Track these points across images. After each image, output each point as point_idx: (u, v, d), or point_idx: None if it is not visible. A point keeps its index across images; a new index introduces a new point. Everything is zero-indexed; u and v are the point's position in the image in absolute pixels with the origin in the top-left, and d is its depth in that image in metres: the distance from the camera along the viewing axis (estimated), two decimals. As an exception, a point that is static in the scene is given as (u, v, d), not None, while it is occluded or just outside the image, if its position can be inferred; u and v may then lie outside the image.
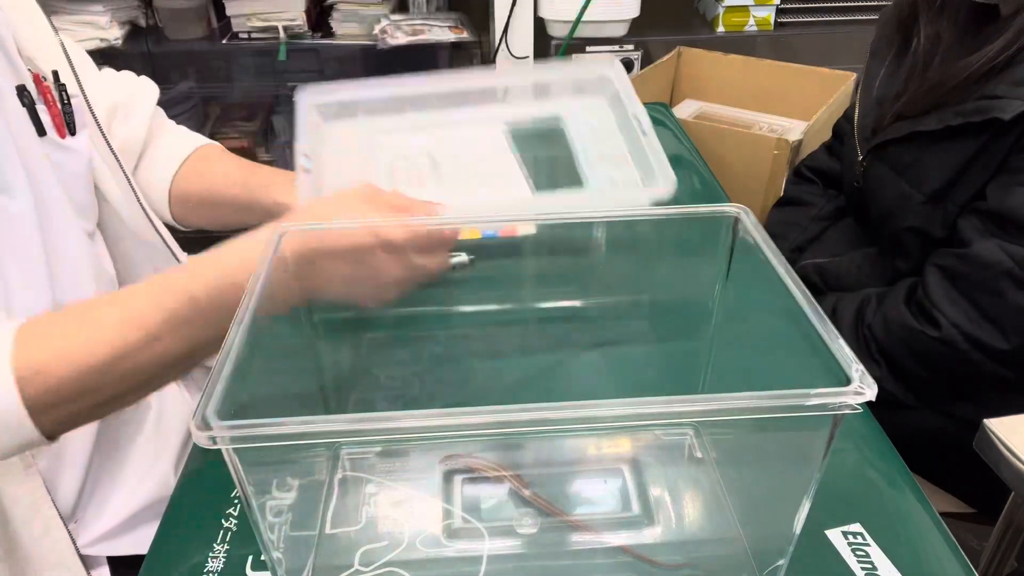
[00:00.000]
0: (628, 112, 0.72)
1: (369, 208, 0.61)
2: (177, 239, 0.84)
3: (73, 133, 0.70)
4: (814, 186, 1.17)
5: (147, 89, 0.88)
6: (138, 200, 0.78)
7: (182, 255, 0.84)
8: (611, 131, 0.75)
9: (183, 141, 0.88)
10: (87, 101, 0.75)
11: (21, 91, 0.66)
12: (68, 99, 0.70)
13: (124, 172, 0.77)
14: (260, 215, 0.81)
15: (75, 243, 0.69)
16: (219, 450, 0.41)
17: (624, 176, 0.71)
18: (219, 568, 0.55)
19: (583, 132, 0.76)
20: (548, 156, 0.77)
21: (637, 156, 0.71)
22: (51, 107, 0.68)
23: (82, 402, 0.56)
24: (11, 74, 0.66)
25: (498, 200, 0.73)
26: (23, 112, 0.66)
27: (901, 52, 0.96)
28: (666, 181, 0.65)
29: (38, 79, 0.68)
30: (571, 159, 0.75)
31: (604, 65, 0.77)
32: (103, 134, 0.76)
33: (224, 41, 1.73)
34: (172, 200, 0.87)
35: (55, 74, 0.70)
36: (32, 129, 0.67)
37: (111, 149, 0.76)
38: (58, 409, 0.55)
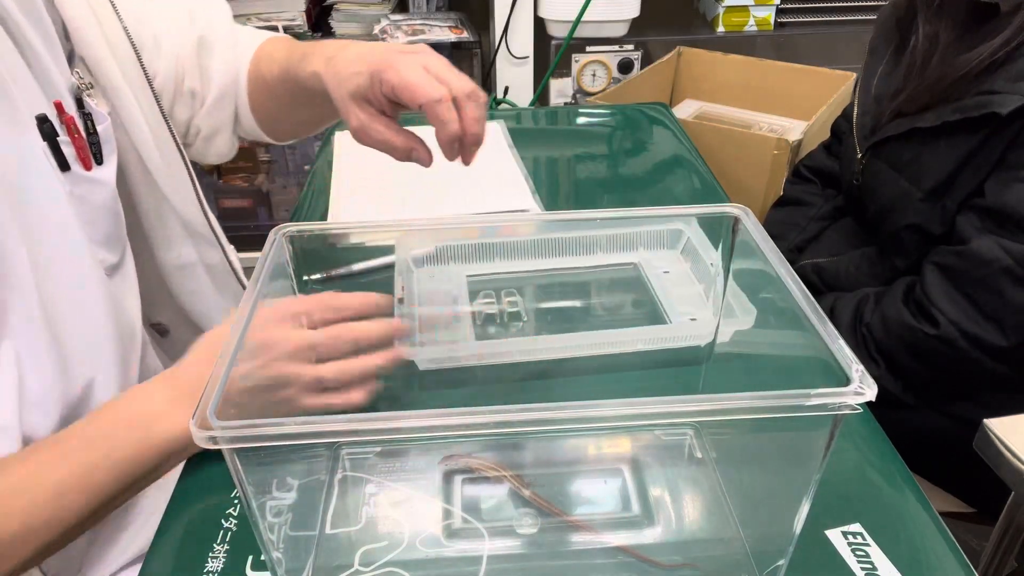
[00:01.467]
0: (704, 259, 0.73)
1: (284, 329, 0.57)
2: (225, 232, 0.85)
3: (100, 162, 0.67)
4: (813, 186, 1.17)
5: (218, 8, 0.82)
6: (194, 188, 0.77)
7: (229, 247, 0.83)
8: (686, 276, 0.76)
9: (247, 47, 0.82)
10: (154, 93, 0.72)
11: (42, 121, 0.62)
12: (94, 127, 0.66)
13: (183, 158, 0.75)
14: (303, 92, 0.75)
15: (91, 282, 0.66)
16: (219, 450, 0.41)
17: (704, 314, 0.71)
18: (219, 568, 0.55)
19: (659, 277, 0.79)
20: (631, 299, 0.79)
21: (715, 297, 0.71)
22: (75, 139, 0.65)
23: (25, 552, 0.54)
24: (36, 100, 0.62)
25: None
26: (44, 147, 0.62)
27: (899, 50, 0.96)
28: (745, 314, 0.65)
29: (61, 108, 0.64)
30: (653, 302, 0.77)
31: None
32: (166, 121, 0.74)
33: (224, 41, 1.73)
34: (252, 111, 0.83)
35: (79, 102, 0.66)
36: (52, 164, 0.63)
37: (174, 137, 0.74)
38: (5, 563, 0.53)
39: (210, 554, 0.56)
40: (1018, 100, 0.79)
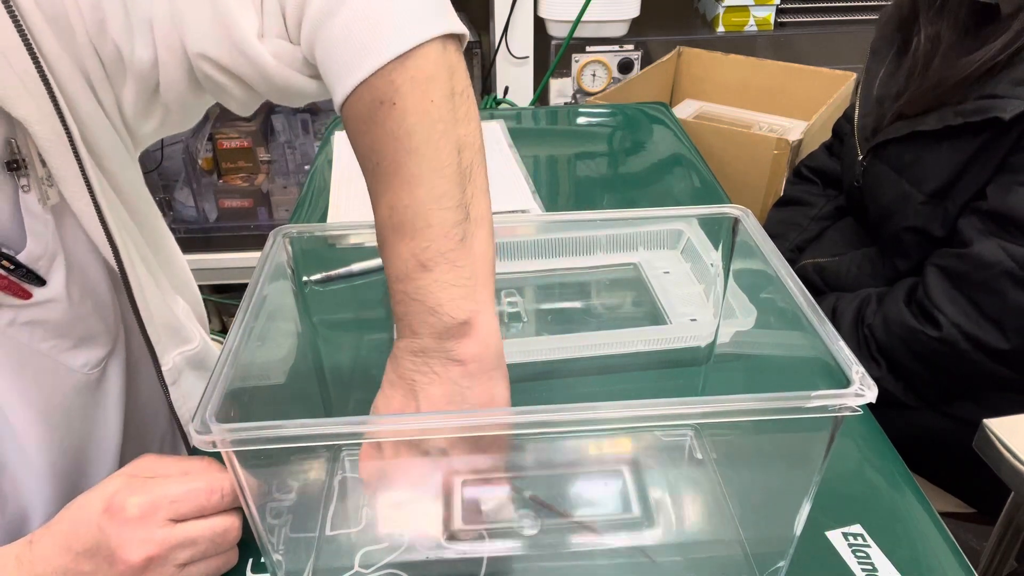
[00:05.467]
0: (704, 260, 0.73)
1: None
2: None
3: (43, 282, 0.57)
4: (814, 186, 1.17)
5: None
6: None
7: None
8: (686, 277, 0.77)
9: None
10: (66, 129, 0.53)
11: None
12: (17, 263, 0.55)
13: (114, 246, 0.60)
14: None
15: (28, 415, 0.59)
16: (219, 452, 0.41)
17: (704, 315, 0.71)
18: (219, 570, 0.55)
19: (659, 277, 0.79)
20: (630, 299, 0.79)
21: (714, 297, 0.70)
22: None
23: None
24: None
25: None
26: None
27: (901, 51, 0.96)
28: (745, 315, 0.63)
29: None
30: (653, 302, 0.77)
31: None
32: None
33: (224, 41, 1.72)
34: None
35: None
36: None
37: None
38: None
39: (210, 555, 0.55)
40: (1020, 105, 0.79)
